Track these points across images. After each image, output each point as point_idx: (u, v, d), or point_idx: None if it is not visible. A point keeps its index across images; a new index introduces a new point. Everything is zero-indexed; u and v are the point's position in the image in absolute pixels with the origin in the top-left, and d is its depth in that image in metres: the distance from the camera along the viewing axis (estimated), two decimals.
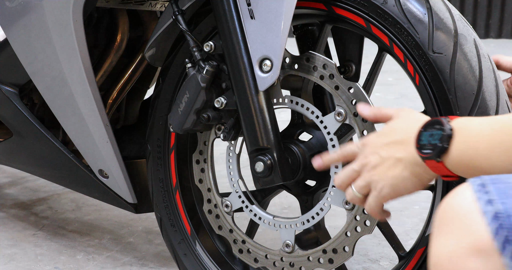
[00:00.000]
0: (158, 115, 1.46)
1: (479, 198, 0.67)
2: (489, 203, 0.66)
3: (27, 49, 1.51)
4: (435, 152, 0.85)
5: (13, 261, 1.75)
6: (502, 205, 0.65)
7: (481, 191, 0.67)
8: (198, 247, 1.45)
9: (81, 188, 1.71)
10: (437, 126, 0.86)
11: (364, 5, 1.15)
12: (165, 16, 1.33)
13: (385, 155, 0.95)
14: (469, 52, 1.08)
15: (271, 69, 1.18)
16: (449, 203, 0.70)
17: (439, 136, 0.85)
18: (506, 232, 0.64)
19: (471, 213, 0.67)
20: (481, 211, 0.66)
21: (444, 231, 0.69)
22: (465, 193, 0.69)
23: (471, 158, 0.81)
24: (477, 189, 0.68)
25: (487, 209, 0.66)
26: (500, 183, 0.68)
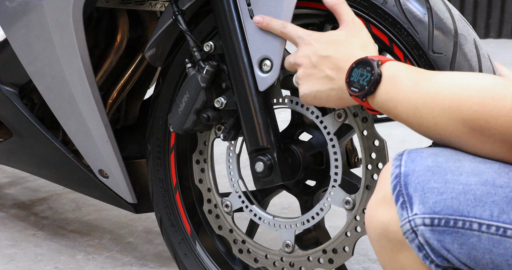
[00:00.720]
0: (158, 115, 1.46)
1: (393, 165, 0.83)
2: (397, 167, 0.82)
3: (27, 49, 1.51)
4: (361, 93, 0.94)
5: (13, 261, 1.75)
6: (404, 168, 0.81)
7: (396, 159, 0.83)
8: (198, 247, 1.45)
9: (81, 188, 1.71)
10: (368, 67, 0.93)
11: (364, 5, 1.15)
12: (165, 16, 1.33)
13: (316, 64, 1.04)
14: (469, 52, 1.08)
15: (271, 69, 1.18)
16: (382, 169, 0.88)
17: (368, 79, 0.93)
18: (399, 187, 0.80)
19: (386, 175, 0.84)
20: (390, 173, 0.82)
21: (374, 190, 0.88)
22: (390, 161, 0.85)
23: (392, 107, 0.90)
24: (396, 157, 0.84)
25: (394, 171, 0.82)
26: (413, 152, 0.83)
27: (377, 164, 1.17)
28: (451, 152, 0.82)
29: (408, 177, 0.80)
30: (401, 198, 0.80)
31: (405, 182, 0.80)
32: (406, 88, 0.88)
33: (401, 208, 0.80)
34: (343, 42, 1.04)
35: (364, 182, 1.18)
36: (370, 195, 1.17)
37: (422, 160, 0.81)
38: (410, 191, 0.79)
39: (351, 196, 1.20)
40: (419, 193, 0.79)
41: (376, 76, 0.92)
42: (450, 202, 0.77)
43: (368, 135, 1.17)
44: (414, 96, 0.86)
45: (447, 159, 0.81)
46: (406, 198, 0.80)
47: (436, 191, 0.78)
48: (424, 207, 0.78)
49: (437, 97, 0.83)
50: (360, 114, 1.17)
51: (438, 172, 0.79)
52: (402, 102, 0.88)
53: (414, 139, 3.09)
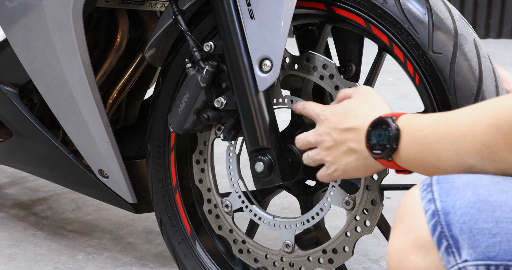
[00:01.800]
0: (158, 115, 1.46)
1: (423, 197, 0.72)
2: (430, 201, 0.71)
3: (27, 49, 1.51)
4: (385, 153, 0.89)
5: (13, 261, 1.75)
6: (441, 203, 0.70)
7: (426, 191, 0.72)
8: (198, 247, 1.45)
9: (81, 188, 1.71)
10: (384, 126, 0.90)
11: (364, 5, 1.15)
12: (165, 16, 1.33)
13: (338, 140, 1.02)
14: (469, 52, 1.08)
15: (271, 69, 1.18)
16: (401, 202, 0.76)
17: (387, 137, 0.89)
18: (441, 228, 0.69)
19: (415, 211, 0.72)
20: (423, 209, 0.71)
21: (395, 228, 0.75)
22: (414, 192, 0.74)
23: (419, 154, 0.84)
24: (423, 188, 0.73)
25: (428, 207, 0.71)
26: (445, 182, 0.72)
27: None
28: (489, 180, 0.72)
29: (449, 215, 0.69)
30: (445, 242, 0.69)
31: (447, 222, 0.69)
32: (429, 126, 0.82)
33: (447, 254, 0.69)
34: (356, 109, 1.02)
35: (364, 182, 1.18)
36: (370, 195, 1.17)
37: (460, 193, 0.70)
38: (455, 233, 0.68)
39: (351, 196, 1.20)
40: (467, 236, 0.68)
41: (394, 132, 0.88)
42: (506, 246, 0.66)
43: None
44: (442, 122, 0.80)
45: (489, 191, 0.70)
46: (452, 241, 0.68)
47: (487, 233, 0.67)
48: (475, 252, 0.67)
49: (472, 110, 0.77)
50: None
51: (484, 209, 0.68)
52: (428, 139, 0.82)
53: None
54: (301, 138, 1.12)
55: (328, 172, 1.07)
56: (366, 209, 1.19)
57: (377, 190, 1.17)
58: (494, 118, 0.73)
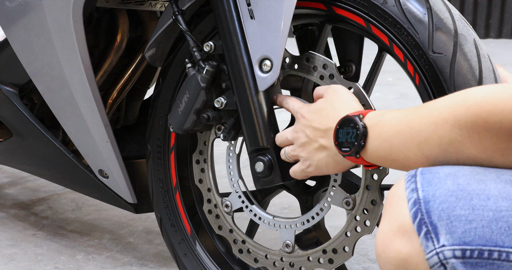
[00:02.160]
0: (158, 115, 1.46)
1: (407, 187, 0.76)
2: (413, 191, 0.75)
3: (27, 49, 1.51)
4: (353, 150, 0.94)
5: (13, 261, 1.75)
6: (423, 192, 0.74)
7: (410, 181, 0.77)
8: (198, 247, 1.45)
9: (81, 188, 1.71)
10: (351, 124, 0.94)
11: (364, 5, 1.15)
12: (165, 16, 1.33)
13: (311, 137, 1.07)
14: (469, 52, 1.08)
15: (271, 69, 1.18)
16: (389, 193, 0.80)
17: (355, 135, 0.93)
18: (421, 215, 0.73)
19: (400, 201, 0.76)
20: (406, 198, 0.75)
21: (383, 217, 0.79)
22: (399, 183, 0.78)
23: (386, 152, 0.88)
24: (408, 179, 0.77)
25: (411, 196, 0.75)
26: (428, 173, 0.76)
27: None
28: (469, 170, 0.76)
29: (429, 203, 0.73)
30: (425, 228, 0.73)
31: (427, 210, 0.73)
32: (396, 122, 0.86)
33: (426, 239, 0.72)
34: (326, 108, 1.07)
35: (364, 182, 1.18)
36: (370, 195, 1.17)
37: (441, 183, 0.74)
38: (434, 220, 0.72)
39: (351, 196, 1.20)
40: (444, 222, 0.72)
41: (361, 129, 0.92)
42: (481, 231, 0.70)
43: None
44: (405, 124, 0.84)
45: (468, 181, 0.74)
46: (430, 227, 0.72)
47: (464, 219, 0.71)
48: (452, 238, 0.71)
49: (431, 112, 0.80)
50: None
51: (462, 197, 0.72)
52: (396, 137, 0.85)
53: None
54: (279, 135, 1.17)
55: (302, 168, 1.11)
56: (366, 209, 1.19)
57: (377, 190, 1.17)
58: (455, 118, 0.77)
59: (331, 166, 1.07)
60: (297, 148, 1.11)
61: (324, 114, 1.06)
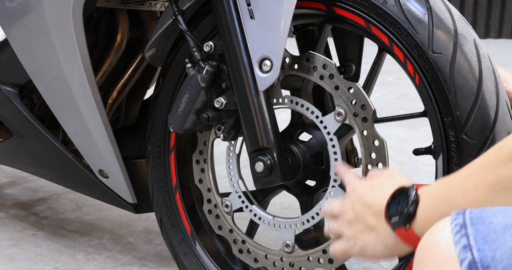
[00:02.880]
0: (158, 115, 1.46)
1: (457, 242, 0.65)
2: (466, 249, 0.64)
3: (27, 49, 1.51)
4: (402, 218, 0.84)
5: (13, 261, 1.75)
6: (478, 253, 0.63)
7: (459, 233, 0.65)
8: (198, 247, 1.45)
9: (81, 188, 1.71)
10: (404, 193, 0.86)
11: (364, 5, 1.15)
12: (165, 16, 1.33)
13: (359, 214, 0.95)
14: (469, 52, 1.08)
15: (271, 69, 1.18)
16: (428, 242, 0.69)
17: (406, 203, 0.84)
18: None
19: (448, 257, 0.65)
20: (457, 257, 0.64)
21: None
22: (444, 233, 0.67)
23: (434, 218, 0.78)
24: (456, 230, 0.66)
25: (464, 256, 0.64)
26: (481, 223, 0.65)
27: (377, 164, 1.17)
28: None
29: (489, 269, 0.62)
30: None
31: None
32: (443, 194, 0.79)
33: None
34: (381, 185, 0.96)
35: None
36: None
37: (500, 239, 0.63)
38: None
39: None
40: None
41: (413, 197, 0.83)
42: None
43: (368, 135, 1.17)
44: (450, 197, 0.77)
45: None
46: None
47: None
48: None
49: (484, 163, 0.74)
50: (360, 114, 1.17)
51: None
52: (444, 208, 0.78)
53: (414, 139, 3.10)
54: (327, 205, 1.05)
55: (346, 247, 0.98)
56: None
57: None
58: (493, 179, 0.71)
59: (378, 251, 0.92)
60: (343, 225, 0.98)
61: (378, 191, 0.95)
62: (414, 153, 1.19)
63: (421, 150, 1.17)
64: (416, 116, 1.18)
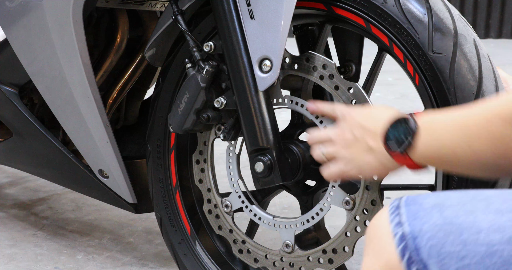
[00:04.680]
0: (158, 115, 1.46)
1: (392, 220, 0.71)
2: (398, 225, 0.70)
3: (27, 49, 1.51)
4: (401, 148, 0.92)
5: (13, 261, 1.75)
6: (409, 226, 0.69)
7: (394, 213, 0.72)
8: (198, 247, 1.45)
9: (81, 188, 1.71)
10: (403, 122, 0.92)
11: (364, 5, 1.15)
12: (165, 16, 1.33)
13: (359, 136, 1.03)
14: (469, 52, 1.09)
15: (271, 69, 1.18)
16: (371, 224, 0.76)
17: (405, 133, 0.91)
18: (409, 252, 0.68)
19: (384, 235, 0.72)
20: (392, 233, 0.70)
21: (366, 250, 0.75)
22: (382, 214, 0.74)
23: (436, 151, 0.87)
24: (392, 211, 0.72)
25: (396, 231, 0.70)
26: (413, 204, 0.72)
27: None
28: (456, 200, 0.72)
29: (417, 239, 0.69)
30: (414, 266, 0.68)
31: (416, 247, 0.68)
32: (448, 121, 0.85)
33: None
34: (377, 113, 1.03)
35: (364, 182, 1.18)
36: (370, 195, 1.17)
37: (428, 216, 0.70)
38: (423, 257, 0.68)
39: (351, 196, 1.20)
40: (435, 260, 0.67)
41: (413, 127, 0.90)
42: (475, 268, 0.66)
43: None
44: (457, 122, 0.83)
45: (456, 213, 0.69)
46: (421, 266, 0.68)
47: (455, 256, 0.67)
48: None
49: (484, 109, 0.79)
50: None
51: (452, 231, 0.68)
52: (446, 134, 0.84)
53: None
54: (318, 132, 1.11)
55: (342, 168, 1.06)
56: (366, 209, 1.19)
57: (377, 190, 1.17)
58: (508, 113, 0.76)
59: (375, 169, 1.02)
60: (340, 148, 1.06)
61: (376, 117, 1.02)
62: None
63: None
64: None
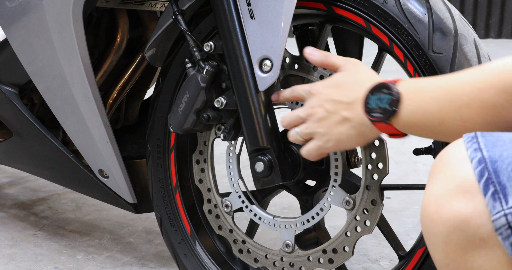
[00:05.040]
0: (158, 115, 1.46)
1: (469, 147, 0.71)
2: (476, 150, 0.71)
3: (27, 49, 1.51)
4: (384, 116, 0.89)
5: (13, 261, 1.75)
6: (488, 152, 0.70)
7: (471, 142, 0.72)
8: (198, 247, 1.45)
9: (81, 188, 1.71)
10: (384, 90, 0.90)
11: (364, 5, 1.15)
12: (165, 16, 1.33)
13: (331, 109, 1.00)
14: (469, 52, 1.09)
15: (271, 69, 1.18)
16: (443, 153, 0.75)
17: (388, 100, 0.89)
18: (488, 174, 0.68)
19: (460, 160, 0.71)
20: (469, 157, 0.71)
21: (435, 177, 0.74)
22: (457, 143, 0.73)
23: (421, 119, 0.85)
24: (468, 140, 0.73)
25: (474, 155, 0.70)
26: (490, 136, 0.72)
27: (377, 164, 1.17)
28: None
29: (496, 163, 0.69)
30: (492, 187, 0.68)
31: (495, 169, 0.68)
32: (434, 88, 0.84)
33: (493, 199, 0.68)
34: (349, 81, 1.01)
35: (364, 182, 1.18)
36: (370, 195, 1.17)
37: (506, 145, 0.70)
38: (503, 180, 0.68)
39: (351, 196, 1.20)
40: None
41: (396, 94, 0.88)
42: None
43: None
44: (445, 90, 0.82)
45: None
46: (499, 187, 0.68)
47: None
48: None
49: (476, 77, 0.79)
50: None
51: None
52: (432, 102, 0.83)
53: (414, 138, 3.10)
54: (288, 115, 1.08)
55: (319, 144, 1.03)
56: (366, 209, 1.19)
57: (377, 190, 1.17)
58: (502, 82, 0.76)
59: (354, 139, 0.99)
60: (313, 125, 1.03)
61: (346, 87, 0.99)
62: (414, 153, 1.19)
63: (421, 150, 1.18)
64: None
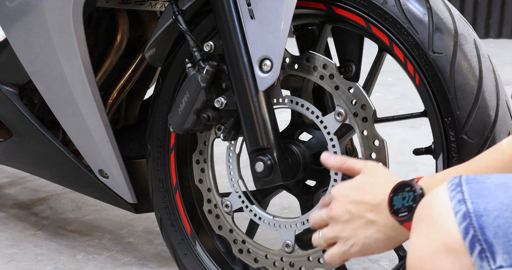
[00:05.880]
0: (158, 115, 1.46)
1: (452, 197, 0.67)
2: (461, 202, 0.66)
3: (27, 49, 1.51)
4: (411, 214, 0.85)
5: (13, 261, 1.75)
6: (473, 204, 0.66)
7: (455, 190, 0.68)
8: (198, 247, 1.45)
9: (81, 188, 1.71)
10: (407, 188, 0.87)
11: (364, 5, 1.15)
12: (165, 16, 1.33)
13: (355, 213, 0.94)
14: (469, 52, 1.09)
15: (271, 69, 1.18)
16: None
17: (412, 198, 0.85)
18: (474, 231, 0.64)
19: (443, 212, 0.67)
20: (452, 210, 0.67)
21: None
22: (441, 191, 0.69)
23: None
24: (452, 188, 0.68)
25: (458, 208, 0.66)
26: (475, 183, 0.68)
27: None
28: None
29: (481, 218, 0.65)
30: (478, 246, 0.64)
31: (480, 225, 0.64)
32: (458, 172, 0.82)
33: (480, 259, 0.64)
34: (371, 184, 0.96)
35: None
36: None
37: (492, 195, 0.66)
38: (489, 237, 0.64)
39: None
40: (501, 240, 0.64)
41: (419, 190, 0.85)
42: None
43: (368, 135, 1.17)
44: None
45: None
46: (486, 245, 0.64)
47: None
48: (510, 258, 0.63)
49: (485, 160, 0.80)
50: (360, 114, 1.17)
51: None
52: None
53: (415, 139, 3.10)
54: (314, 214, 1.03)
55: (343, 249, 0.96)
56: None
57: None
58: None
59: (381, 243, 0.92)
60: (336, 228, 0.97)
61: (369, 190, 0.95)
62: (414, 153, 1.19)
63: (421, 150, 1.18)
64: (416, 116, 1.18)
